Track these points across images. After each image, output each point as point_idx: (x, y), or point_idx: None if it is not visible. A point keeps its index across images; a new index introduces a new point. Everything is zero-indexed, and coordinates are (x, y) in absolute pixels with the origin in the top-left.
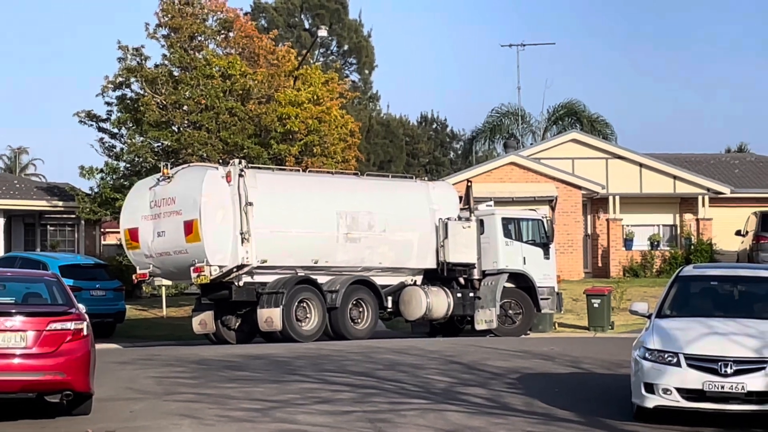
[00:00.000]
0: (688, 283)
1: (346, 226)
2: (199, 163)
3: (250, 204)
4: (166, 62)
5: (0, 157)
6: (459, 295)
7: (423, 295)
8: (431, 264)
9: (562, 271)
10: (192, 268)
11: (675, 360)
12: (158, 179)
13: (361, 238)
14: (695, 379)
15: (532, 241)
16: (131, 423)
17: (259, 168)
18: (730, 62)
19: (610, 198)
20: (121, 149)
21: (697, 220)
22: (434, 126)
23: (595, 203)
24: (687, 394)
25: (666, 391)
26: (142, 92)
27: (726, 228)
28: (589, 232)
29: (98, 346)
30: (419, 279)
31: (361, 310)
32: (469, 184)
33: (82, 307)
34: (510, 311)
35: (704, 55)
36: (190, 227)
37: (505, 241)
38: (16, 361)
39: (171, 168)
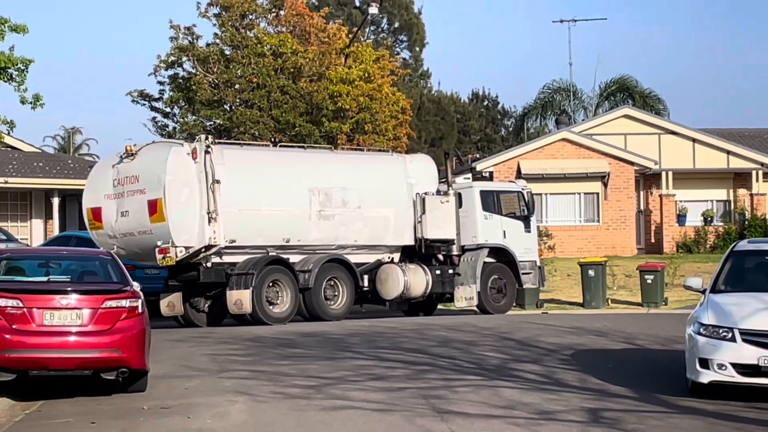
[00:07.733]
0: (742, 258)
1: (319, 203)
2: (163, 139)
3: (217, 182)
4: (218, 41)
5: (54, 138)
6: (438, 272)
7: (400, 273)
8: (409, 240)
9: (615, 247)
10: (157, 250)
11: (730, 335)
12: (121, 156)
13: (334, 215)
14: (751, 355)
15: (512, 214)
16: (186, 400)
17: (226, 143)
18: None
19: (663, 173)
20: (174, 128)
21: (751, 195)
22: (485, 103)
23: (647, 179)
24: (742, 369)
25: (721, 366)
26: (194, 71)
27: None
28: (641, 208)
29: (152, 324)
30: (396, 256)
31: (335, 289)
32: (447, 155)
33: (136, 285)
34: (495, 287)
35: (758, 28)
36: (154, 207)
37: (484, 215)
38: (72, 338)
39: (135, 145)
